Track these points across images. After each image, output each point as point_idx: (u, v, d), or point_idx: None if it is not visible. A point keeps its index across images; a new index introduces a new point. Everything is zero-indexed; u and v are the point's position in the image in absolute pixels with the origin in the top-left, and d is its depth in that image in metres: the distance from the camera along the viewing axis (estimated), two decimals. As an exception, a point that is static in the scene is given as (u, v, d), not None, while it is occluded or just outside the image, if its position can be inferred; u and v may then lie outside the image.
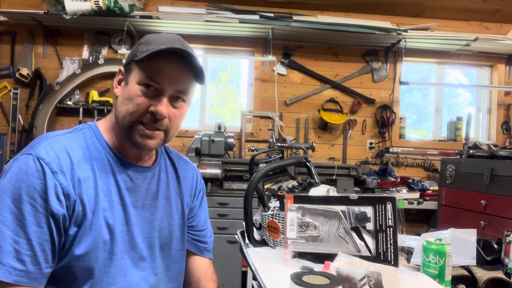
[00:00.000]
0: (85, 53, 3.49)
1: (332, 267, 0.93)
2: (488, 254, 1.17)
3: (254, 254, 1.14)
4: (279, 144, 3.10)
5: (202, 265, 1.15)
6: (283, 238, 1.14)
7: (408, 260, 1.15)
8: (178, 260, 1.07)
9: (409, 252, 1.18)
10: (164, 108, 0.91)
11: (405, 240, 1.26)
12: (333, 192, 1.20)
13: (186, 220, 1.10)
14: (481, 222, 2.45)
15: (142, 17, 3.18)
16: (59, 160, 0.85)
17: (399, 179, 3.39)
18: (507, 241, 1.13)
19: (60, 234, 0.84)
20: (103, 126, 0.98)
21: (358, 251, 1.06)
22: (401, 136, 3.75)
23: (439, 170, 3.06)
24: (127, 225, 0.93)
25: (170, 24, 3.28)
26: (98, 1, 2.98)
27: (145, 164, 1.01)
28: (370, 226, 1.06)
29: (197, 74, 0.95)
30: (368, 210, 1.06)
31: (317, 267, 1.00)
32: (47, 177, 0.82)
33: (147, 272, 0.96)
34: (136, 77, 0.91)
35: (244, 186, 2.61)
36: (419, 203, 3.10)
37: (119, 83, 0.96)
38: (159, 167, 1.04)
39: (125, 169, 0.96)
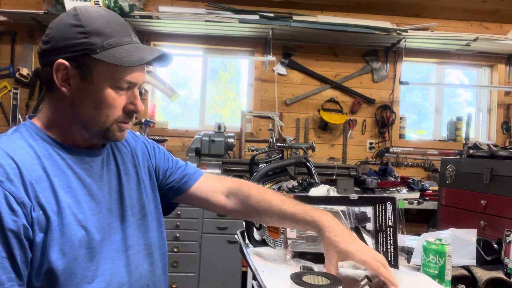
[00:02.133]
0: (85, 53, 3.49)
1: (332, 267, 0.93)
2: (488, 254, 1.17)
3: (254, 254, 1.15)
4: (279, 144, 3.10)
5: (203, 185, 1.12)
6: (283, 238, 1.14)
7: (408, 260, 1.15)
8: (157, 227, 1.05)
9: (409, 252, 1.18)
10: (141, 103, 0.91)
11: (405, 240, 1.26)
12: (333, 192, 1.20)
13: (154, 184, 1.07)
14: (481, 222, 2.45)
15: (142, 17, 3.18)
16: (2, 167, 0.77)
17: (399, 179, 3.39)
18: (507, 241, 1.13)
19: (23, 248, 0.77)
20: (40, 124, 0.89)
21: (358, 251, 1.06)
22: (401, 136, 3.74)
23: (439, 170, 3.07)
24: (100, 214, 0.88)
25: (170, 24, 3.28)
26: (98, 1, 2.98)
27: (96, 147, 0.95)
28: (370, 226, 1.06)
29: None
30: (368, 210, 1.06)
31: (317, 267, 1.00)
32: None
33: (131, 252, 0.94)
34: (107, 79, 0.85)
35: (244, 186, 2.61)
36: (419, 203, 3.10)
37: (66, 80, 0.85)
38: (109, 145, 0.99)
39: (80, 157, 0.89)
